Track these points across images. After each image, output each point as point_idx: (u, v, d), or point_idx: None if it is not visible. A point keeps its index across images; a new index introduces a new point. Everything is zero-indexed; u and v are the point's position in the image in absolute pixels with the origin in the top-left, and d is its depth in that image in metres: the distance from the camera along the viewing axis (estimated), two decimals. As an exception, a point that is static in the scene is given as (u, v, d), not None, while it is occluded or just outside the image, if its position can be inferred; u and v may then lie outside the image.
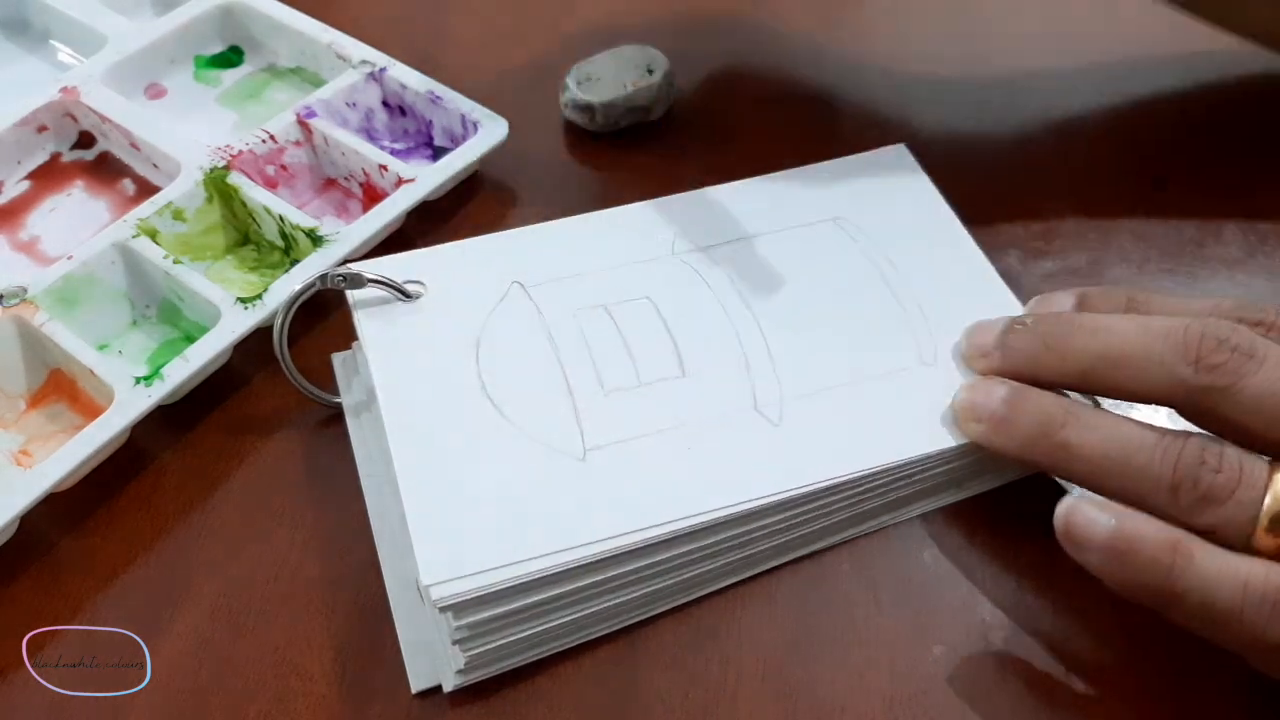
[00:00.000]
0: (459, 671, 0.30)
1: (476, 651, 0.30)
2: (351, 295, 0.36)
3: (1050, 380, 0.32)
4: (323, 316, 0.40)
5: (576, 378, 0.34)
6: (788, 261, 0.37)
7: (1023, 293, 0.37)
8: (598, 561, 0.30)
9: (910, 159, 0.41)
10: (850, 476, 0.32)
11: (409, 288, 0.36)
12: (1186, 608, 0.27)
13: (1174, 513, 0.28)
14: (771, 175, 0.41)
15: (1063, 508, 0.29)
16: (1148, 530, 0.28)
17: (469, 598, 0.29)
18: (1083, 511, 0.29)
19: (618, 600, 0.31)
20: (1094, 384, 0.31)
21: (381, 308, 0.36)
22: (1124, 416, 0.30)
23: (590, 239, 0.39)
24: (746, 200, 0.40)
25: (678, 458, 0.32)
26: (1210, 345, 0.29)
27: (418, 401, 0.34)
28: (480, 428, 0.33)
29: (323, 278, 0.35)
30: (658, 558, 0.31)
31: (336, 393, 0.37)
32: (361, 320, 0.36)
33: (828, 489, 0.32)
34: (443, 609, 0.29)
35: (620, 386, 0.34)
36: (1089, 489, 0.30)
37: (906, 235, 0.38)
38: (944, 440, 0.33)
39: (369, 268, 0.36)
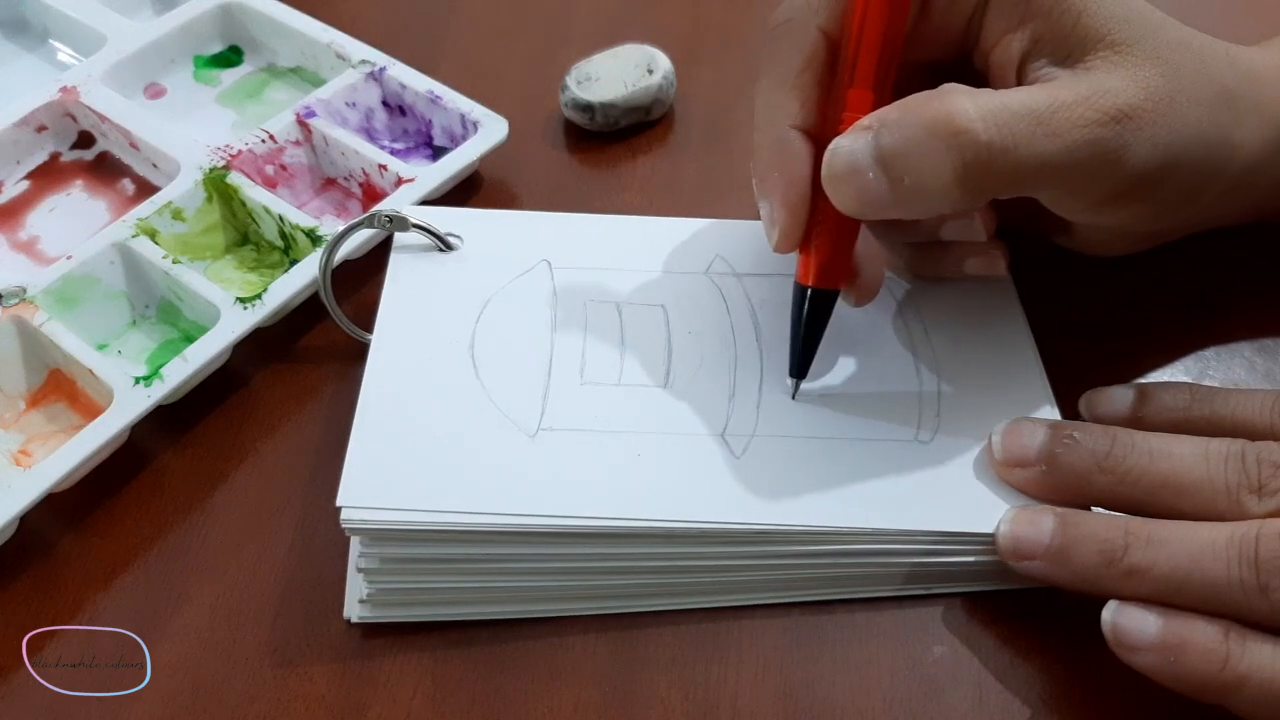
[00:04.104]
0: (362, 601, 0.32)
1: (382, 586, 0.31)
2: (395, 240, 0.38)
3: (1100, 503, 0.31)
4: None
5: (560, 361, 0.35)
6: None
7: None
8: (510, 534, 0.31)
9: None
10: (788, 527, 0.31)
11: (448, 239, 0.38)
12: (1247, 693, 0.27)
13: (1265, 609, 0.27)
14: None
15: (1108, 614, 0.28)
16: (1198, 621, 0.27)
17: (376, 527, 0.30)
18: (1128, 614, 0.28)
19: (536, 583, 0.32)
20: (1152, 511, 0.30)
21: (417, 253, 0.37)
22: (1180, 522, 0.29)
23: (634, 239, 0.39)
24: None
25: (624, 461, 0.32)
26: (1269, 471, 0.29)
27: (408, 340, 0.35)
28: (452, 381, 0.34)
29: (371, 217, 0.37)
30: (569, 549, 0.31)
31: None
32: (394, 259, 0.37)
33: (761, 534, 0.31)
34: (350, 532, 0.31)
35: (598, 381, 0.34)
36: (1161, 605, 0.28)
37: (956, 312, 0.37)
38: (908, 519, 0.31)
39: (415, 214, 0.38)
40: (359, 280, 0.40)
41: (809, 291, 0.33)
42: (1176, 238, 0.37)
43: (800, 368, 0.34)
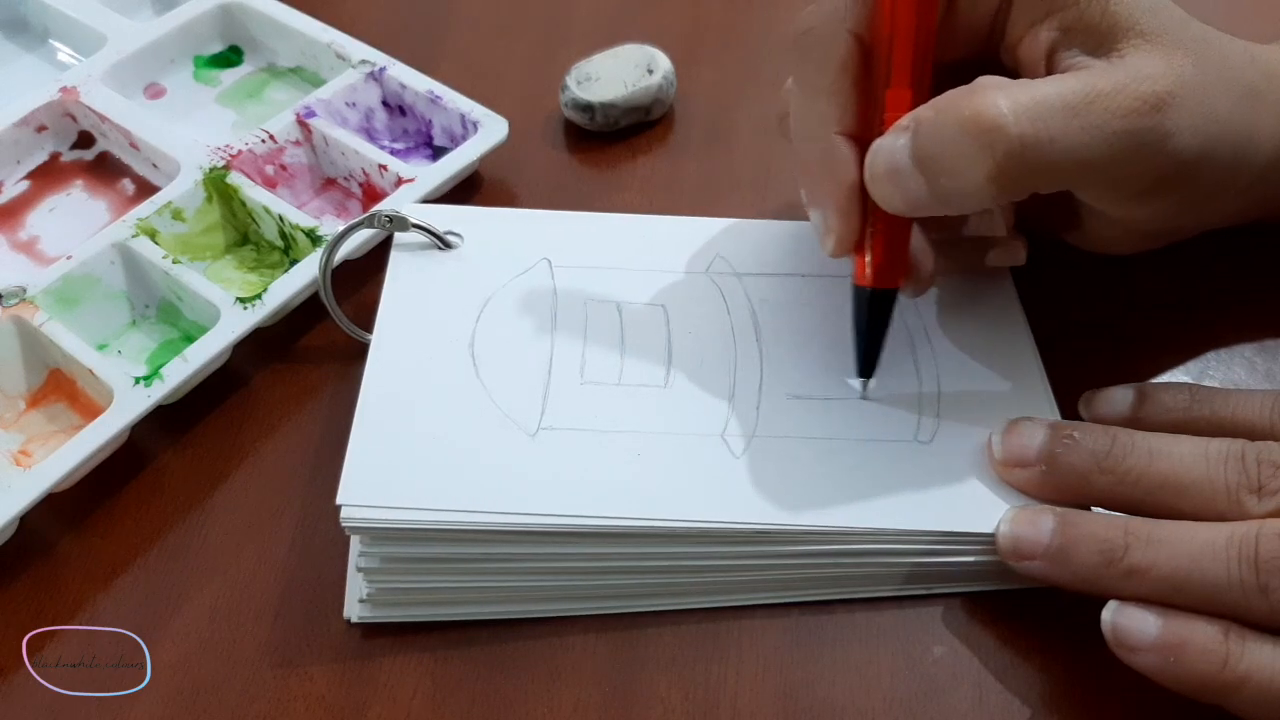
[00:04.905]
0: (362, 601, 0.32)
1: (382, 586, 0.31)
2: (394, 239, 0.38)
3: (1100, 503, 0.31)
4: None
5: (560, 361, 0.35)
6: (821, 307, 0.36)
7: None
8: (510, 534, 0.31)
9: None
10: (787, 527, 0.31)
11: (448, 238, 0.38)
12: (1247, 693, 0.27)
13: (1264, 609, 0.27)
14: None
15: (1108, 614, 0.28)
16: (1197, 621, 0.27)
17: (376, 526, 0.30)
18: (1128, 614, 0.28)
19: (536, 583, 0.32)
20: (1152, 511, 0.30)
21: (417, 252, 0.38)
22: (1180, 521, 0.29)
23: (634, 239, 0.39)
24: (807, 239, 0.38)
25: (624, 461, 0.32)
26: (1269, 471, 0.29)
27: (408, 339, 0.35)
28: (452, 379, 0.34)
29: (371, 217, 0.37)
30: (569, 549, 0.31)
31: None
32: (394, 257, 0.37)
33: (761, 534, 0.31)
34: (350, 531, 0.31)
35: (598, 380, 0.34)
36: (1161, 605, 0.28)
37: (956, 312, 0.37)
38: (908, 519, 0.31)
39: (415, 213, 0.38)
40: (359, 280, 0.40)
41: (870, 293, 0.33)
42: (1190, 236, 0.37)
43: (867, 368, 0.34)
